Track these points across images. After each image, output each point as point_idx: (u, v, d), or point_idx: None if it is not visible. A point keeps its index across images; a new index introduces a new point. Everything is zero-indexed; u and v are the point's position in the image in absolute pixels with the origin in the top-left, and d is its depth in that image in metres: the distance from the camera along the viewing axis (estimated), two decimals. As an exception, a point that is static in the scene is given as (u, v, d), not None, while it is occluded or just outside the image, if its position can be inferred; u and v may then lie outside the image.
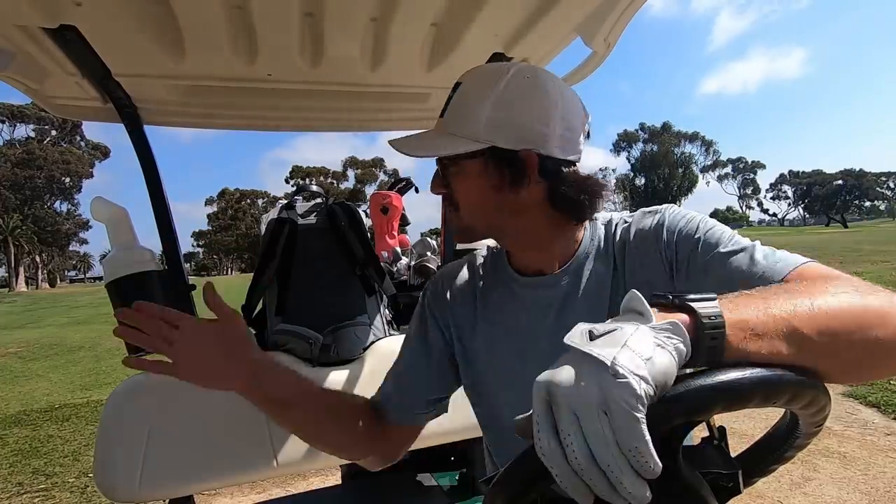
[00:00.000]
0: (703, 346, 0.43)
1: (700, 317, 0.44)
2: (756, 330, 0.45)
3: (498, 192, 0.74)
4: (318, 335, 1.48)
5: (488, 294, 0.85)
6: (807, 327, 0.46)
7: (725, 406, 0.41)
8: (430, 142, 0.78)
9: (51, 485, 3.22)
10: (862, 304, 0.49)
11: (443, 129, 0.76)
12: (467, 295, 0.88)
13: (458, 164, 0.76)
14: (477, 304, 0.86)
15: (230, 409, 1.40)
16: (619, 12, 1.08)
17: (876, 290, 0.52)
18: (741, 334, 0.44)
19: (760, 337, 0.45)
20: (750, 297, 0.49)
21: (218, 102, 1.50)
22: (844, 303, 0.49)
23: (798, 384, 0.44)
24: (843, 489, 2.54)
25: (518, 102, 0.72)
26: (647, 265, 0.73)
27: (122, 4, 0.99)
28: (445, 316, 0.88)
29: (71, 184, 41.14)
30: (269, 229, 1.59)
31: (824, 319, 0.47)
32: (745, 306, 0.47)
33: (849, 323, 0.48)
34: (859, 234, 27.03)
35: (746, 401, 0.42)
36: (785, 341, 0.45)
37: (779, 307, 0.47)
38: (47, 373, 6.83)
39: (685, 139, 65.81)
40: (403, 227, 2.33)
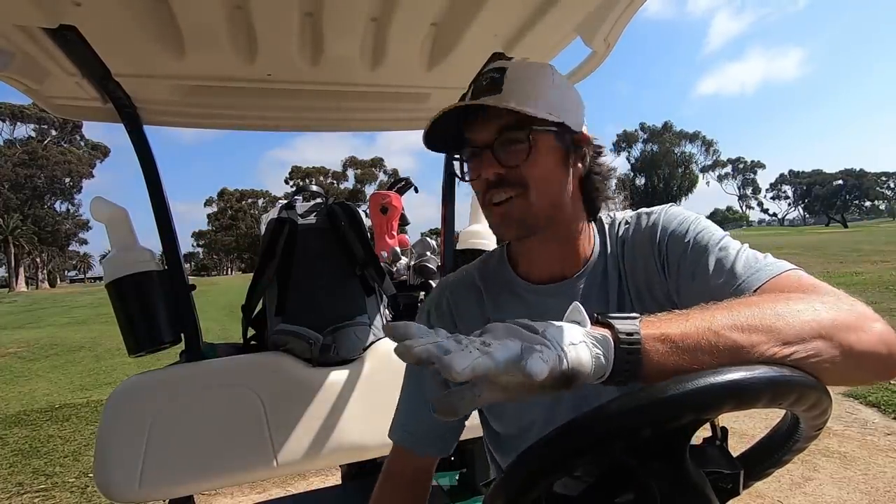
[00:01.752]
0: (620, 360, 0.46)
1: (618, 332, 0.47)
2: (678, 344, 0.47)
3: (564, 172, 0.74)
4: (318, 335, 1.48)
5: (498, 307, 0.81)
6: (732, 335, 0.47)
7: (734, 405, 0.41)
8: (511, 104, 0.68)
9: (51, 485, 3.22)
10: (809, 318, 0.49)
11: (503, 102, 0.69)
12: (475, 311, 0.83)
13: (533, 138, 0.70)
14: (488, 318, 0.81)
15: (230, 409, 1.40)
16: (619, 12, 1.08)
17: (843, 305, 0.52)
18: (661, 348, 0.47)
19: (683, 351, 0.47)
20: (682, 314, 0.51)
21: (218, 102, 1.50)
22: (789, 315, 0.49)
23: (805, 386, 0.44)
24: (843, 489, 2.54)
25: (570, 88, 0.76)
26: (645, 267, 0.73)
27: (122, 4, 0.99)
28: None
29: (71, 184, 41.14)
30: (269, 229, 1.59)
31: (753, 328, 0.48)
32: (671, 322, 0.49)
33: (782, 331, 0.48)
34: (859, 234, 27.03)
35: (755, 401, 0.42)
36: (709, 354, 0.47)
37: (708, 321, 0.49)
38: (47, 373, 6.82)
39: (685, 139, 65.81)
40: (403, 227, 2.32)
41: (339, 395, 1.49)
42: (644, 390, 0.42)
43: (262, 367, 1.47)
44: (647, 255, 0.73)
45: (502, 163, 0.70)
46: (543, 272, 0.79)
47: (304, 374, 1.48)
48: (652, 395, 0.41)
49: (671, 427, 0.40)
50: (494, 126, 0.70)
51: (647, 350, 0.47)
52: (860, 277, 9.07)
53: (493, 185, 0.71)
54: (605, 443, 0.41)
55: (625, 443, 0.41)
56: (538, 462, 0.42)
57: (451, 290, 0.86)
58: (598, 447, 0.41)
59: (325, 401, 1.48)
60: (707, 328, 0.48)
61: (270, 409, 1.42)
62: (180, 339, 1.45)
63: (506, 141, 0.70)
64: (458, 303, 0.84)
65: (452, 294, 0.85)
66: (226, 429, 1.39)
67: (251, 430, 1.40)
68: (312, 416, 1.46)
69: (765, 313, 0.49)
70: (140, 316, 1.41)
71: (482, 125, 0.71)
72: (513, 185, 0.71)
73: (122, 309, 1.40)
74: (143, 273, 1.40)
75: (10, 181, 36.91)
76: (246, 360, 1.48)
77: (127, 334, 1.41)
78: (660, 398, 0.40)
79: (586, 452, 0.42)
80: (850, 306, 0.52)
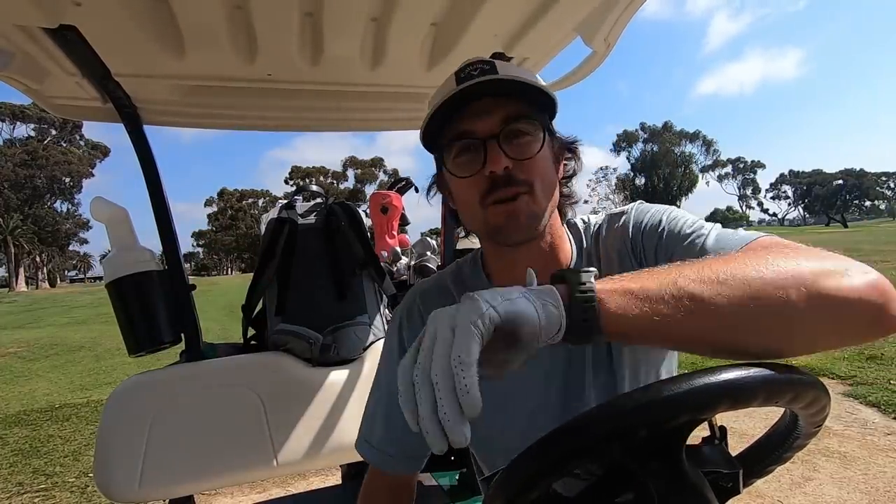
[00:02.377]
0: (576, 310, 0.45)
1: (571, 283, 0.46)
2: (637, 295, 0.46)
3: (557, 170, 0.71)
4: (318, 335, 1.49)
5: None
6: (698, 288, 0.45)
7: (730, 405, 0.41)
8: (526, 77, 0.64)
9: (51, 484, 3.22)
10: (785, 267, 0.46)
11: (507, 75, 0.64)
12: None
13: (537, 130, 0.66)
14: None
15: (230, 409, 1.40)
16: (619, 12, 1.08)
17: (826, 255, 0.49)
18: (619, 299, 0.46)
19: (642, 301, 0.45)
20: (648, 271, 0.49)
21: (218, 102, 1.50)
22: (762, 266, 0.46)
23: (801, 384, 0.44)
24: (843, 489, 2.54)
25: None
26: (621, 265, 0.71)
27: (122, 4, 0.99)
28: None
29: (71, 183, 41.14)
30: (269, 229, 1.59)
31: (723, 282, 0.45)
32: (633, 277, 0.48)
33: (754, 284, 0.45)
34: (859, 233, 27.03)
35: (750, 399, 0.42)
36: (668, 305, 0.45)
37: (670, 275, 0.47)
38: (47, 373, 6.82)
39: (685, 139, 65.79)
40: (403, 227, 2.33)
41: (339, 395, 1.49)
42: (640, 391, 0.42)
43: (262, 367, 1.47)
44: (623, 253, 0.71)
45: (511, 155, 0.64)
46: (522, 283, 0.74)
47: (304, 374, 1.48)
48: (648, 395, 0.41)
49: (667, 427, 0.40)
50: (500, 115, 0.65)
51: (603, 300, 0.45)
52: (860, 277, 9.06)
53: (503, 182, 0.64)
54: (600, 443, 0.41)
55: (621, 443, 0.41)
56: (535, 463, 0.42)
57: (422, 297, 0.81)
58: (594, 448, 0.41)
59: (325, 401, 1.48)
60: (671, 281, 0.46)
61: (270, 409, 1.42)
62: (180, 339, 1.45)
63: (515, 132, 0.65)
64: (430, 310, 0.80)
65: (424, 302, 0.80)
66: (226, 429, 1.39)
67: (251, 430, 1.40)
68: (312, 416, 1.46)
69: (738, 267, 0.46)
70: (140, 316, 1.41)
71: (485, 115, 0.65)
72: (519, 181, 0.65)
73: (122, 309, 1.40)
74: (143, 273, 1.40)
75: (10, 181, 36.91)
76: (246, 360, 1.48)
77: (127, 334, 1.41)
78: (656, 398, 0.40)
79: (582, 453, 0.42)
80: (836, 257, 0.48)
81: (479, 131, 0.66)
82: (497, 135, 0.64)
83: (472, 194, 0.67)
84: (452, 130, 0.67)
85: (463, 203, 0.71)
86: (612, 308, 0.45)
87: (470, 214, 0.71)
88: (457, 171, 0.68)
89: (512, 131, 0.65)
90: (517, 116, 0.65)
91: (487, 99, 0.65)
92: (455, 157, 0.68)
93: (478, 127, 0.66)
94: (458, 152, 0.68)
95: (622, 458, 0.44)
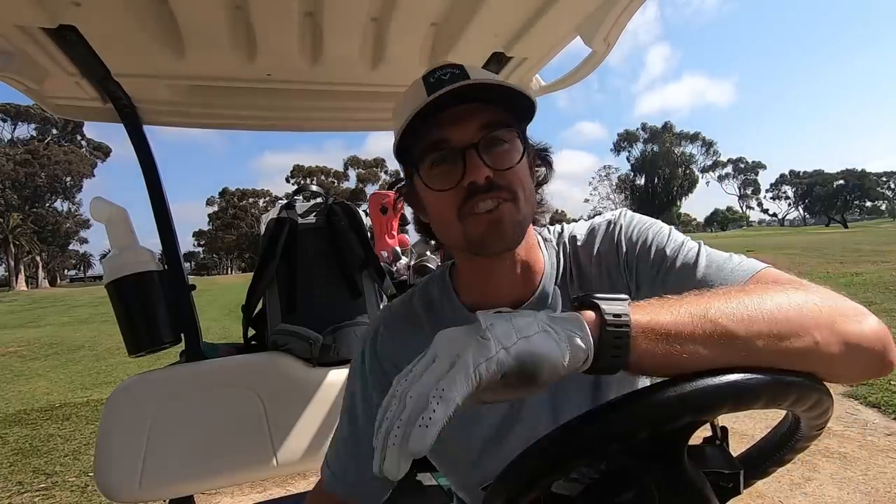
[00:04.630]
0: (607, 344, 0.42)
1: (604, 314, 0.43)
2: (671, 331, 0.44)
3: (532, 178, 0.68)
4: (318, 335, 1.49)
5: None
6: (730, 326, 0.44)
7: (733, 406, 0.41)
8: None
9: (51, 484, 3.22)
10: (807, 307, 0.47)
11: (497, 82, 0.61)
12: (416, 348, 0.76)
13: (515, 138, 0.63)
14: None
15: (230, 409, 1.40)
16: (619, 12, 1.08)
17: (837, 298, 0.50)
18: (651, 335, 0.43)
19: (675, 339, 0.43)
20: (675, 300, 0.47)
21: (218, 102, 1.50)
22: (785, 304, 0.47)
23: (804, 386, 0.44)
24: (843, 489, 2.54)
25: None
26: (609, 277, 0.69)
27: (122, 4, 0.99)
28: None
29: (72, 183, 41.17)
30: (269, 229, 1.59)
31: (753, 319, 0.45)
32: (662, 307, 0.46)
33: (782, 323, 0.45)
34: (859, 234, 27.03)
35: (753, 401, 0.42)
36: (703, 345, 0.43)
37: (700, 308, 0.45)
38: (47, 372, 6.82)
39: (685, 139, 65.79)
40: (403, 227, 2.33)
41: (339, 395, 1.49)
42: (641, 392, 0.41)
43: (262, 367, 1.47)
44: (612, 265, 0.69)
45: (491, 164, 0.60)
46: (495, 300, 0.68)
47: (304, 374, 1.48)
48: (650, 397, 0.40)
49: (670, 428, 0.40)
50: (477, 122, 0.61)
51: (635, 336, 0.43)
52: (860, 278, 9.06)
53: (483, 190, 0.60)
54: (602, 445, 0.41)
55: (622, 444, 0.41)
56: (534, 464, 0.42)
57: (387, 324, 0.76)
58: (596, 449, 0.41)
59: (325, 401, 1.48)
60: (702, 316, 0.44)
61: (270, 409, 1.42)
62: (180, 339, 1.45)
63: (494, 140, 0.61)
64: (396, 339, 0.74)
65: (388, 329, 0.75)
66: (226, 429, 1.39)
67: (251, 430, 1.40)
68: (312, 416, 1.46)
69: (763, 303, 0.46)
70: (140, 316, 1.41)
71: (461, 122, 0.61)
72: (501, 189, 0.61)
73: (122, 309, 1.40)
74: (143, 273, 1.40)
75: (11, 180, 36.93)
76: (246, 360, 1.48)
77: (127, 334, 1.41)
78: (658, 400, 0.40)
79: (583, 454, 0.41)
80: (844, 300, 0.50)
81: (455, 140, 0.61)
82: (476, 143, 0.60)
83: (449, 207, 0.63)
84: (425, 140, 0.62)
85: (439, 216, 0.66)
86: (642, 345, 0.43)
87: (446, 228, 0.65)
88: (433, 184, 0.63)
89: (492, 139, 0.61)
90: (496, 124, 0.61)
91: (462, 106, 0.61)
92: (430, 167, 0.63)
93: (453, 135, 0.61)
94: (433, 163, 0.63)
95: (623, 459, 0.44)
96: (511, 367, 0.39)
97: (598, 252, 0.71)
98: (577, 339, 0.41)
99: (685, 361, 0.43)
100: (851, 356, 0.47)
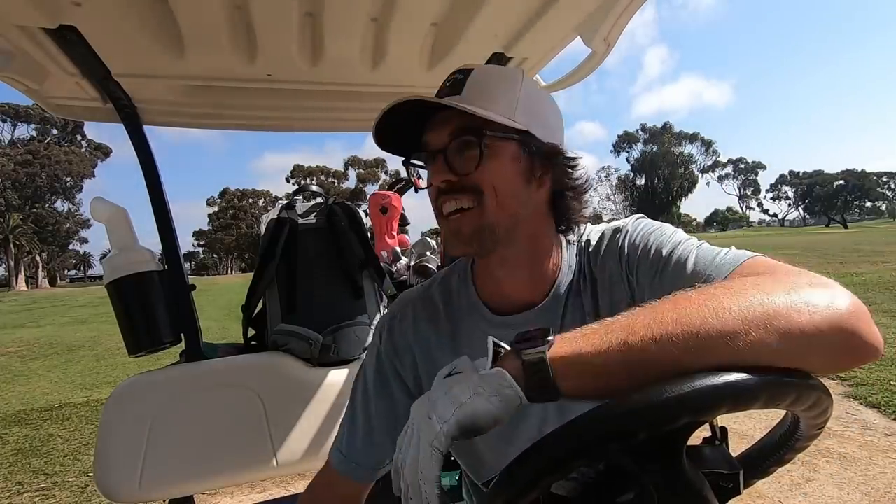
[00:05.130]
0: (533, 387, 0.47)
1: (524, 361, 0.48)
2: (592, 363, 0.46)
3: (527, 183, 0.68)
4: (318, 335, 1.49)
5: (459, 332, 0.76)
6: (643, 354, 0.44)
7: (731, 407, 0.41)
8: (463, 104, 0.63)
9: (51, 484, 3.22)
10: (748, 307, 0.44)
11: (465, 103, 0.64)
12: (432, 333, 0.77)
13: (492, 145, 0.65)
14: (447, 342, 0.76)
15: (230, 409, 1.40)
16: (619, 12, 1.08)
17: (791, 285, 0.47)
18: (574, 370, 0.47)
19: (597, 372, 0.46)
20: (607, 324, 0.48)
21: (218, 102, 1.51)
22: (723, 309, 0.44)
23: (802, 386, 0.44)
24: (843, 489, 2.54)
25: (543, 98, 0.72)
26: (611, 280, 0.70)
27: (122, 4, 0.99)
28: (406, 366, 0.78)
29: (72, 183, 41.17)
30: (269, 229, 1.59)
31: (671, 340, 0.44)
32: (590, 337, 0.48)
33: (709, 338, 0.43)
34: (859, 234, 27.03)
35: (752, 401, 0.42)
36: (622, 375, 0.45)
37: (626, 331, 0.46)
38: (47, 372, 6.82)
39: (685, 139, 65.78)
40: (403, 227, 2.33)
41: (339, 395, 1.50)
42: (639, 393, 0.41)
43: (262, 367, 1.47)
44: (615, 269, 0.70)
45: (454, 169, 0.65)
46: (511, 298, 0.73)
47: (304, 374, 1.48)
48: (649, 397, 0.40)
49: (668, 429, 0.40)
50: (448, 129, 0.65)
51: (559, 374, 0.47)
52: (860, 278, 9.06)
53: (444, 192, 0.66)
54: (600, 446, 0.41)
55: (621, 444, 0.41)
56: (533, 465, 0.42)
57: (404, 310, 0.80)
58: (594, 450, 0.41)
59: (325, 401, 1.48)
60: (622, 342, 0.45)
61: (270, 409, 1.42)
62: (180, 340, 1.45)
63: (459, 146, 0.65)
64: (412, 324, 0.78)
65: (405, 315, 0.79)
66: (226, 429, 1.39)
67: (251, 430, 1.40)
68: (312, 416, 1.46)
69: (690, 315, 0.45)
70: (140, 316, 1.41)
71: (438, 128, 0.66)
72: (465, 194, 0.65)
73: (122, 309, 1.40)
74: (143, 273, 1.40)
75: (11, 180, 36.94)
76: (246, 360, 1.48)
77: (127, 334, 1.41)
78: (657, 400, 0.40)
79: (581, 455, 0.41)
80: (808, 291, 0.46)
81: (431, 144, 0.67)
82: (444, 148, 0.65)
83: (432, 204, 0.70)
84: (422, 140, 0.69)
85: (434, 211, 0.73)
86: (568, 382, 0.47)
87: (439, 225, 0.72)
88: (421, 181, 0.72)
89: (458, 145, 0.65)
90: (464, 130, 0.64)
91: (442, 112, 0.65)
92: (424, 166, 0.71)
93: (431, 139, 0.67)
94: (423, 162, 0.71)
95: (622, 460, 0.44)
96: (455, 433, 0.47)
97: (602, 258, 0.72)
98: (505, 390, 0.47)
99: (612, 386, 0.45)
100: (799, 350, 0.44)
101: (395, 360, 0.78)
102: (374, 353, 0.80)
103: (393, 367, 0.78)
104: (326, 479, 0.81)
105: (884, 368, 4.22)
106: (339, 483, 0.79)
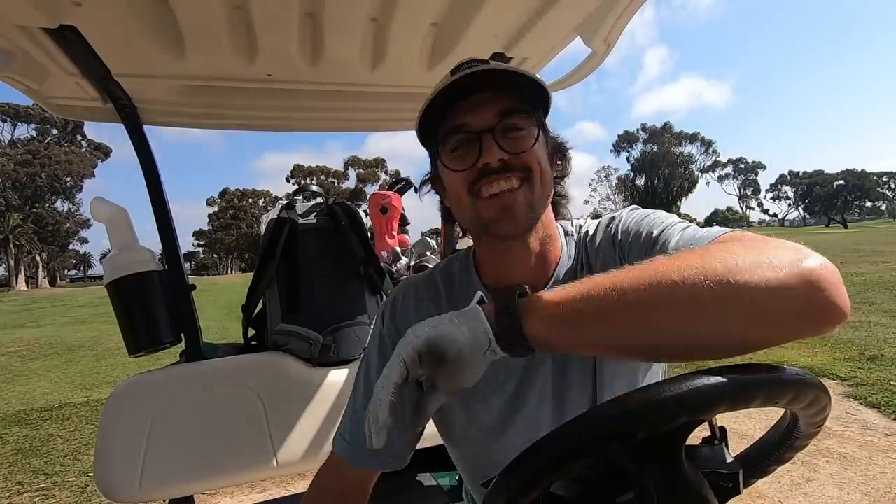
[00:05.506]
0: (504, 328, 0.50)
1: (497, 307, 0.51)
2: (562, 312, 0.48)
3: (552, 166, 0.71)
4: (318, 335, 1.49)
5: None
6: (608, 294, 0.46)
7: (729, 405, 0.41)
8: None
9: (51, 484, 3.22)
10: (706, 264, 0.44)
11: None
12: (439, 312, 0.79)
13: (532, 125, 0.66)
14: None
15: (230, 409, 1.40)
16: (619, 12, 1.08)
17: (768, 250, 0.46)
18: (539, 315, 0.49)
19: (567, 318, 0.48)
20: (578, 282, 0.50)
21: (218, 102, 1.51)
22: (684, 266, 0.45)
23: (800, 384, 0.44)
24: (843, 489, 2.54)
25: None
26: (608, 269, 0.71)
27: (122, 4, 0.99)
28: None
29: (72, 183, 41.17)
30: (269, 229, 1.59)
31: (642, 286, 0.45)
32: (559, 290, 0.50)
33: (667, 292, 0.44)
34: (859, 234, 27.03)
35: (750, 400, 0.42)
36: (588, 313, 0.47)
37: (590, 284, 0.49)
38: (47, 372, 6.82)
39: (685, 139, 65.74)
40: (403, 227, 2.33)
41: (339, 395, 1.49)
42: (639, 392, 0.41)
43: (262, 367, 1.47)
44: (609, 255, 0.72)
45: (506, 148, 0.65)
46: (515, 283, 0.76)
47: (304, 374, 1.48)
48: (647, 397, 0.40)
49: (667, 428, 0.40)
50: (495, 109, 0.66)
51: (526, 319, 0.49)
52: (860, 278, 9.06)
53: (495, 171, 0.65)
54: (600, 445, 0.41)
55: (620, 444, 0.41)
56: (532, 465, 0.42)
57: (406, 292, 0.81)
58: (593, 449, 0.41)
59: (325, 401, 1.48)
60: (586, 291, 0.48)
61: (270, 409, 1.42)
62: (180, 340, 1.45)
63: (511, 125, 0.66)
64: (413, 306, 0.79)
65: (407, 297, 0.80)
66: (226, 429, 1.39)
67: (251, 430, 1.40)
68: (312, 416, 1.46)
69: (653, 269, 0.46)
70: (140, 316, 1.41)
71: (480, 109, 0.66)
72: (514, 173, 0.65)
73: (122, 309, 1.40)
74: (143, 273, 1.40)
75: (11, 180, 36.94)
76: (246, 360, 1.48)
77: (127, 334, 1.41)
78: (655, 399, 0.40)
79: (581, 455, 0.42)
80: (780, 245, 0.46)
81: (474, 125, 0.66)
82: (493, 128, 0.65)
83: (463, 187, 0.68)
84: (448, 124, 0.68)
85: (456, 197, 0.71)
86: (531, 318, 0.49)
87: (462, 208, 0.71)
88: (451, 164, 0.68)
89: (507, 125, 0.66)
90: (513, 110, 0.66)
91: (483, 94, 0.66)
92: (451, 150, 0.69)
93: (473, 120, 0.66)
94: (453, 146, 0.68)
95: (621, 459, 0.44)
96: (421, 348, 0.50)
97: (599, 246, 0.74)
98: (476, 324, 0.50)
99: (579, 336, 0.48)
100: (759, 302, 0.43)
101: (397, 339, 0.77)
102: (376, 336, 0.81)
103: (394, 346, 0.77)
104: (331, 469, 0.80)
105: (884, 368, 4.22)
106: (344, 471, 0.78)
